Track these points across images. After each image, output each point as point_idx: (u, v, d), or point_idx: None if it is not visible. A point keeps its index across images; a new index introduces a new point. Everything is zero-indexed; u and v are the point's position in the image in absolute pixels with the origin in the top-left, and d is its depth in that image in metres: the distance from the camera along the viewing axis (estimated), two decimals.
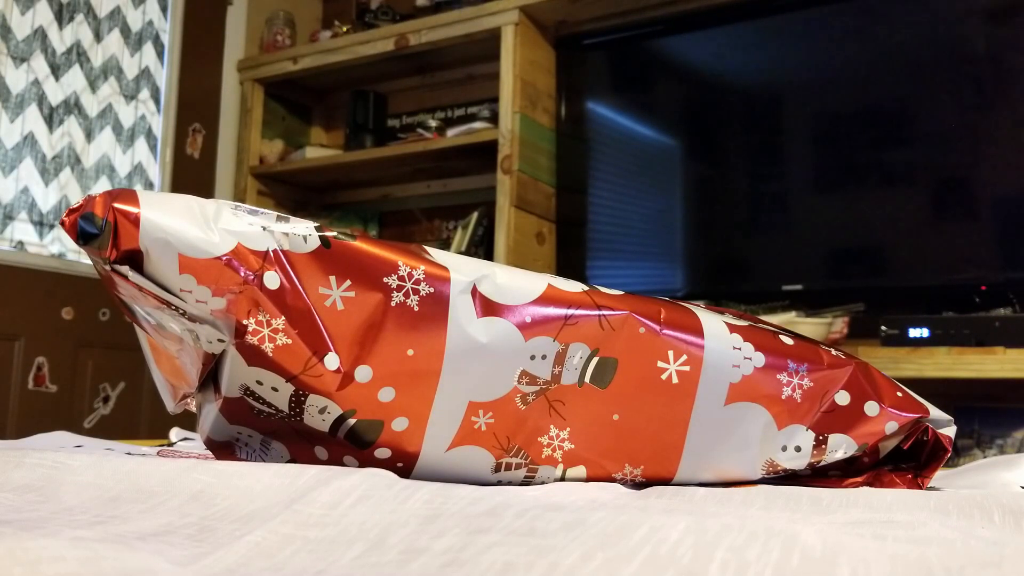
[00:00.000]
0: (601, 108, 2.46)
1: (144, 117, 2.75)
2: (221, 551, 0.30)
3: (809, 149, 2.13)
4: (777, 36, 2.21)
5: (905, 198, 2.00)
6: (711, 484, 0.54)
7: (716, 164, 2.28)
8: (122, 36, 2.71)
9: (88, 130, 2.60)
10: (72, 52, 2.58)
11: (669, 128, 2.36)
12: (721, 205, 2.24)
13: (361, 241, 0.48)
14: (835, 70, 2.12)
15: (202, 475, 0.39)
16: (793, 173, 2.13)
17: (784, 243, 2.14)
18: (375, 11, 2.86)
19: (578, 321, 0.50)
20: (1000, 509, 0.41)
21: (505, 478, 0.51)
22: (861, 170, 2.05)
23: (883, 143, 2.04)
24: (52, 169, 2.51)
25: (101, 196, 0.45)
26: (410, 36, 2.62)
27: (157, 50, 2.81)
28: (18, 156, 2.45)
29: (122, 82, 2.70)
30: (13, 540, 0.24)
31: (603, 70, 2.48)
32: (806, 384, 0.54)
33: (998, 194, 1.92)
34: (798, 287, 2.10)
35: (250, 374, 0.46)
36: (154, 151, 2.78)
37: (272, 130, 2.99)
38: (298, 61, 2.85)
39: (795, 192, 2.13)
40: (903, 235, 2.00)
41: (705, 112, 2.31)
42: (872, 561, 0.26)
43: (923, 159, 2.00)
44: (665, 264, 2.31)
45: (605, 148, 2.43)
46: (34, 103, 2.49)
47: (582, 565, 0.25)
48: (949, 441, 0.56)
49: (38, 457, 0.42)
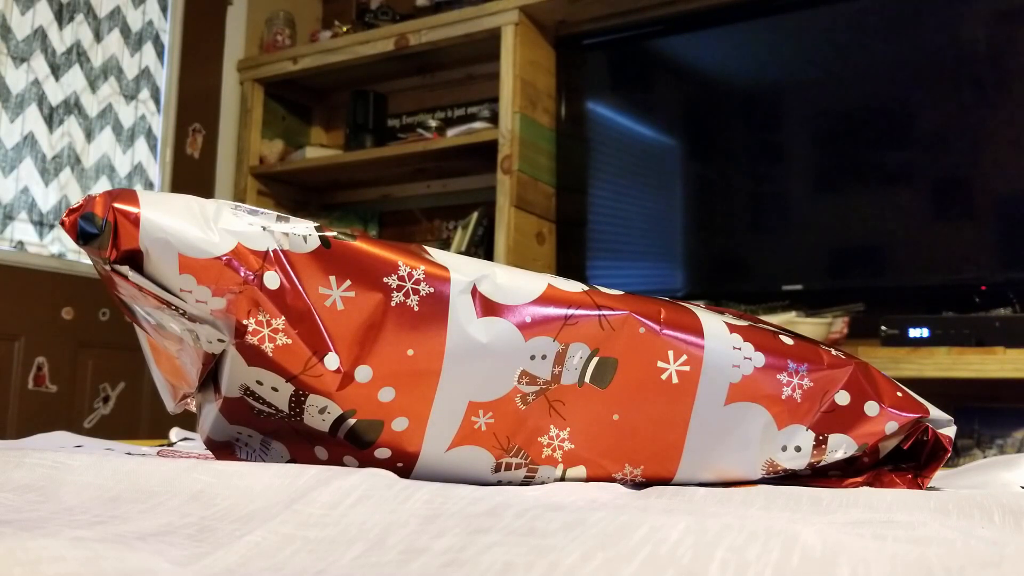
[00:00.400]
0: (601, 108, 2.46)
1: (144, 117, 2.75)
2: (221, 551, 0.30)
3: (809, 149, 2.13)
4: (777, 36, 2.21)
5: (905, 198, 2.00)
6: (711, 484, 0.54)
7: (716, 164, 2.28)
8: (122, 36, 2.71)
9: (88, 130, 2.60)
10: (72, 52, 2.58)
11: (669, 128, 2.36)
12: (721, 205, 2.24)
13: (361, 241, 0.48)
14: (835, 70, 2.12)
15: (202, 475, 0.39)
16: (793, 173, 2.13)
17: (784, 243, 2.14)
18: (375, 11, 2.86)
19: (578, 321, 0.50)
20: (1000, 509, 0.41)
21: (505, 478, 0.51)
22: (861, 170, 2.05)
23: (883, 143, 2.04)
24: (52, 169, 2.51)
25: (101, 196, 0.45)
26: (410, 36, 2.62)
27: (157, 50, 2.81)
28: (18, 156, 2.45)
29: (122, 82, 2.70)
30: (13, 540, 0.24)
31: (603, 70, 2.48)
32: (806, 384, 0.54)
33: (998, 194, 1.92)
34: (798, 287, 2.10)
35: (250, 374, 0.46)
36: (154, 151, 2.78)
37: (272, 130, 2.99)
38: (298, 61, 2.85)
39: (795, 192, 2.13)
40: (903, 235, 2.00)
41: (705, 112, 2.31)
42: (872, 561, 0.26)
43: (923, 159, 2.00)
44: (665, 264, 2.31)
45: (605, 148, 2.42)
46: (34, 103, 2.49)
47: (582, 565, 0.25)
48: (949, 441, 0.56)
49: (38, 457, 0.42)
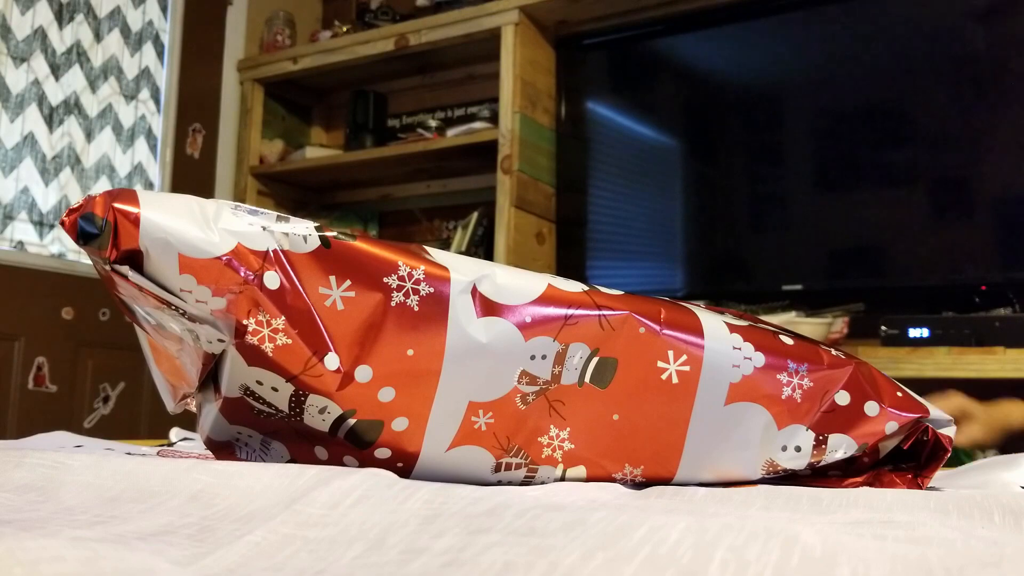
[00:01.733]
0: (601, 108, 2.46)
1: (144, 117, 2.75)
2: (221, 551, 0.30)
3: (809, 149, 2.13)
4: (777, 36, 2.21)
5: (905, 198, 2.00)
6: (711, 484, 0.54)
7: (716, 164, 2.28)
8: (122, 36, 2.71)
9: (88, 130, 2.60)
10: (72, 52, 2.58)
11: (669, 128, 2.35)
12: (721, 205, 2.24)
13: (361, 241, 0.48)
14: (835, 70, 2.12)
15: (202, 475, 0.39)
16: (793, 173, 2.13)
17: (784, 243, 2.14)
18: (375, 11, 2.86)
19: (578, 321, 0.50)
20: (1000, 509, 0.41)
21: (505, 478, 0.51)
22: (861, 170, 2.05)
23: (883, 143, 2.04)
24: (52, 169, 2.51)
25: (101, 196, 0.45)
26: (410, 36, 2.61)
27: (157, 50, 2.81)
28: (18, 156, 2.45)
29: (122, 82, 2.70)
30: (13, 540, 0.24)
31: (603, 70, 2.48)
32: (806, 384, 0.54)
33: (998, 194, 1.92)
34: (798, 287, 2.10)
35: (250, 374, 0.46)
36: (154, 151, 2.78)
37: (272, 130, 2.99)
38: (298, 61, 2.85)
39: (795, 192, 2.13)
40: (903, 235, 1.99)
41: (705, 112, 2.31)
42: (872, 561, 0.26)
43: (923, 159, 2.00)
44: (665, 264, 2.31)
45: (605, 148, 2.42)
46: (34, 103, 2.49)
47: (582, 565, 0.25)
48: (949, 441, 0.56)
49: (38, 457, 0.42)
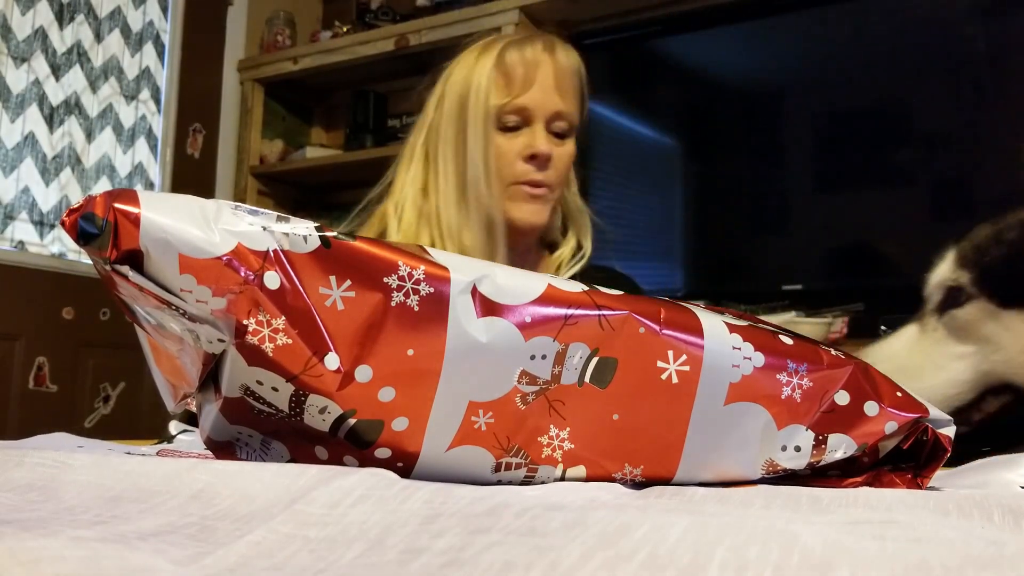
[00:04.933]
0: (601, 108, 2.46)
1: (144, 117, 2.75)
2: (221, 550, 0.30)
3: (809, 149, 2.13)
4: (777, 36, 2.21)
5: (905, 198, 2.00)
6: (711, 484, 0.54)
7: (716, 164, 2.28)
8: (122, 36, 2.71)
9: (88, 130, 2.60)
10: (72, 52, 2.58)
11: (669, 128, 2.35)
12: (721, 205, 2.24)
13: (361, 241, 0.48)
14: (835, 70, 2.12)
15: (202, 474, 0.39)
16: (793, 173, 2.13)
17: (784, 243, 2.14)
18: (375, 11, 2.86)
19: (578, 321, 0.50)
20: (1000, 509, 0.41)
21: (505, 478, 0.51)
22: (861, 170, 2.05)
23: (883, 143, 2.04)
24: (52, 169, 2.51)
25: (101, 196, 0.45)
26: (410, 36, 2.61)
27: (157, 50, 2.81)
28: (18, 156, 2.45)
29: (122, 82, 2.70)
30: (13, 540, 0.24)
31: (603, 70, 2.48)
32: (806, 384, 0.54)
33: (998, 194, 1.92)
34: (798, 287, 2.10)
35: (250, 374, 0.46)
36: (154, 151, 2.78)
37: (272, 130, 2.99)
38: (298, 61, 2.85)
39: (795, 192, 2.13)
40: (903, 235, 1.99)
41: (705, 112, 2.31)
42: (872, 561, 0.26)
43: (923, 159, 2.00)
44: (665, 264, 2.31)
45: (605, 148, 2.42)
46: (34, 103, 2.49)
47: (582, 565, 0.25)
48: (949, 441, 0.56)
49: (39, 457, 0.42)
